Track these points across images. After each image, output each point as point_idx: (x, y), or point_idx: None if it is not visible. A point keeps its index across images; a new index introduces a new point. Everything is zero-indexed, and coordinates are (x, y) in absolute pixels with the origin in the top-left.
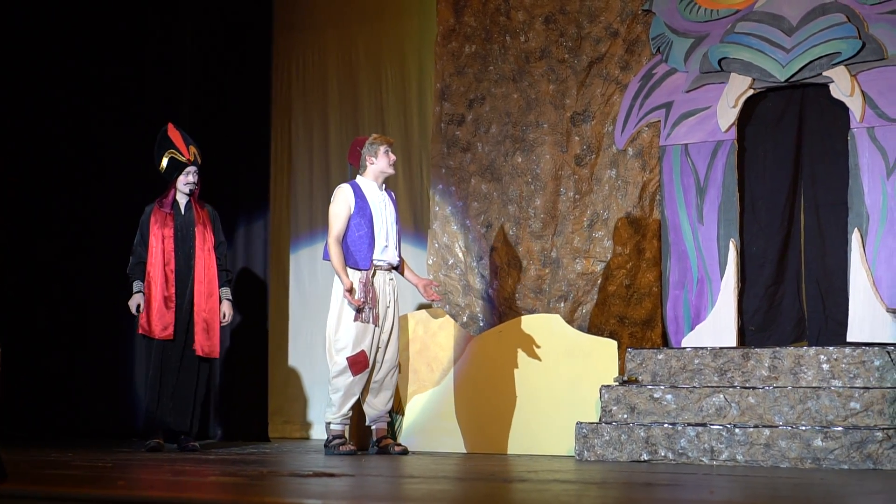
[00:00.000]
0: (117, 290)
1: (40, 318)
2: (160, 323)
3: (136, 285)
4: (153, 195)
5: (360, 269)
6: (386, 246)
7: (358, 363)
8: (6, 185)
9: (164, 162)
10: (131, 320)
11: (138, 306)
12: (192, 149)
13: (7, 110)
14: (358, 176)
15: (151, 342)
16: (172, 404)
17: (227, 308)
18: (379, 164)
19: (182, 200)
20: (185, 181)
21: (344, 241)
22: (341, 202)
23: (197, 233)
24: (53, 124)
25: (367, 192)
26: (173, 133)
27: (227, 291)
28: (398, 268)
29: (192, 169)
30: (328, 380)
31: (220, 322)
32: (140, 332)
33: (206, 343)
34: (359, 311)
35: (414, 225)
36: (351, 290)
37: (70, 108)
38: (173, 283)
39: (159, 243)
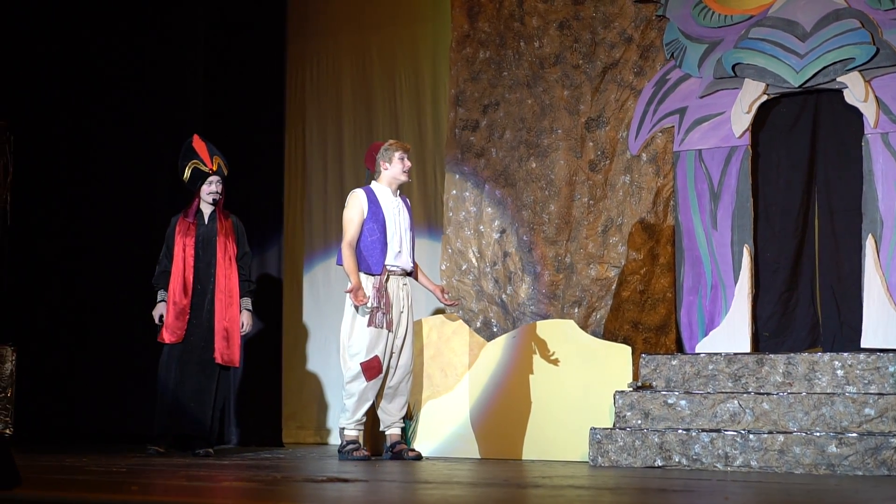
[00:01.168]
0: (122, 291)
1: (43, 320)
2: (173, 328)
3: (160, 295)
4: (157, 196)
5: (372, 275)
6: (399, 252)
7: (371, 368)
8: (15, 189)
9: (187, 172)
10: (137, 322)
11: (161, 317)
12: (217, 159)
13: (10, 110)
14: (373, 181)
15: (164, 347)
16: (189, 411)
17: (246, 318)
18: (393, 170)
19: (206, 210)
20: (209, 190)
21: (357, 246)
22: (354, 207)
23: (219, 243)
24: (59, 127)
25: (380, 198)
26: (198, 144)
27: (247, 302)
28: (412, 273)
29: (214, 178)
30: (342, 385)
31: (240, 331)
32: (158, 339)
33: (227, 351)
34: (372, 312)
35: (428, 230)
36: (355, 290)
37: (79, 113)
38: (191, 291)
39: (180, 251)
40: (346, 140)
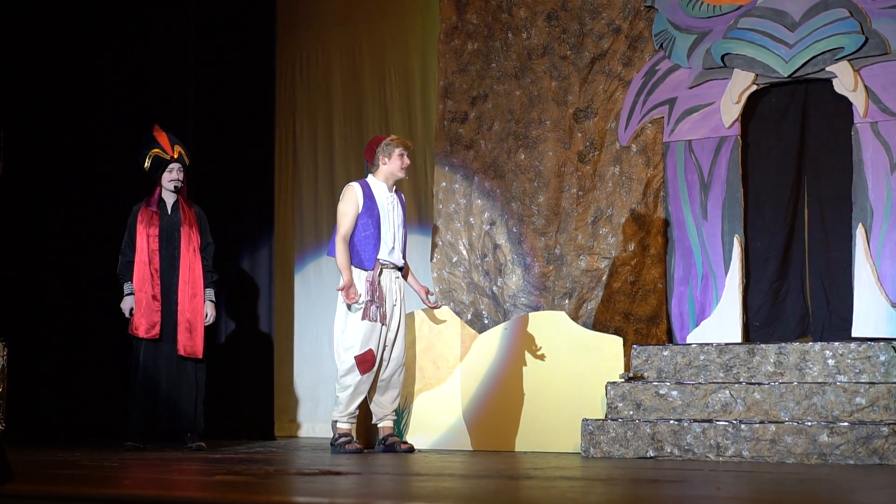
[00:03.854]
0: (116, 288)
1: (41, 317)
2: (147, 322)
3: (127, 287)
4: (151, 193)
5: (364, 269)
6: (392, 248)
7: (365, 362)
8: (8, 186)
9: (148, 161)
10: (124, 317)
11: (131, 310)
12: (178, 148)
13: (4, 109)
14: (369, 175)
15: (138, 342)
16: (173, 405)
17: (209, 309)
18: (391, 165)
19: (169, 199)
20: (170, 178)
21: (350, 241)
22: (350, 201)
23: (182, 233)
24: (53, 124)
25: (376, 193)
26: (158, 133)
27: (210, 293)
28: (402, 270)
29: (175, 166)
30: (336, 378)
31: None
32: (130, 331)
33: (189, 343)
34: (365, 306)
35: (419, 223)
36: (346, 288)
37: (71, 109)
38: (158, 282)
39: (144, 242)
40: (337, 134)
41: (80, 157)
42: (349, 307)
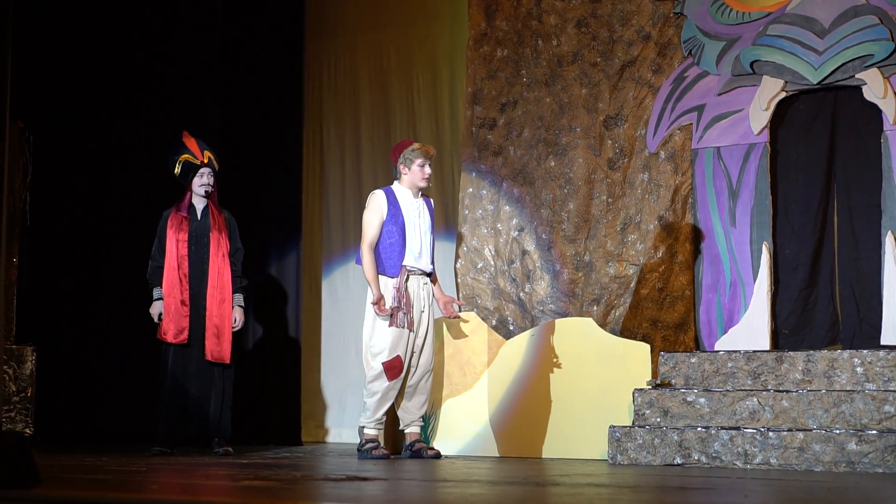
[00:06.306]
0: (141, 291)
1: (66, 321)
2: (175, 327)
3: (156, 292)
4: (176, 197)
5: (389, 277)
6: (419, 254)
7: (393, 368)
8: (33, 190)
9: (178, 167)
10: (153, 322)
11: (160, 315)
12: (207, 153)
13: (29, 111)
14: (395, 182)
15: (166, 347)
16: (201, 410)
17: (238, 314)
18: (411, 177)
19: (199, 204)
20: (200, 182)
21: (376, 248)
22: (374, 209)
23: (212, 238)
24: (77, 129)
25: (401, 200)
26: (188, 139)
27: (239, 298)
28: (430, 276)
29: (206, 170)
30: (364, 384)
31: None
32: (158, 336)
33: (217, 348)
34: (393, 313)
35: (446, 229)
36: (378, 302)
37: (95, 115)
38: (187, 287)
39: (174, 247)
40: (364, 139)
41: (105, 161)
42: (379, 315)
